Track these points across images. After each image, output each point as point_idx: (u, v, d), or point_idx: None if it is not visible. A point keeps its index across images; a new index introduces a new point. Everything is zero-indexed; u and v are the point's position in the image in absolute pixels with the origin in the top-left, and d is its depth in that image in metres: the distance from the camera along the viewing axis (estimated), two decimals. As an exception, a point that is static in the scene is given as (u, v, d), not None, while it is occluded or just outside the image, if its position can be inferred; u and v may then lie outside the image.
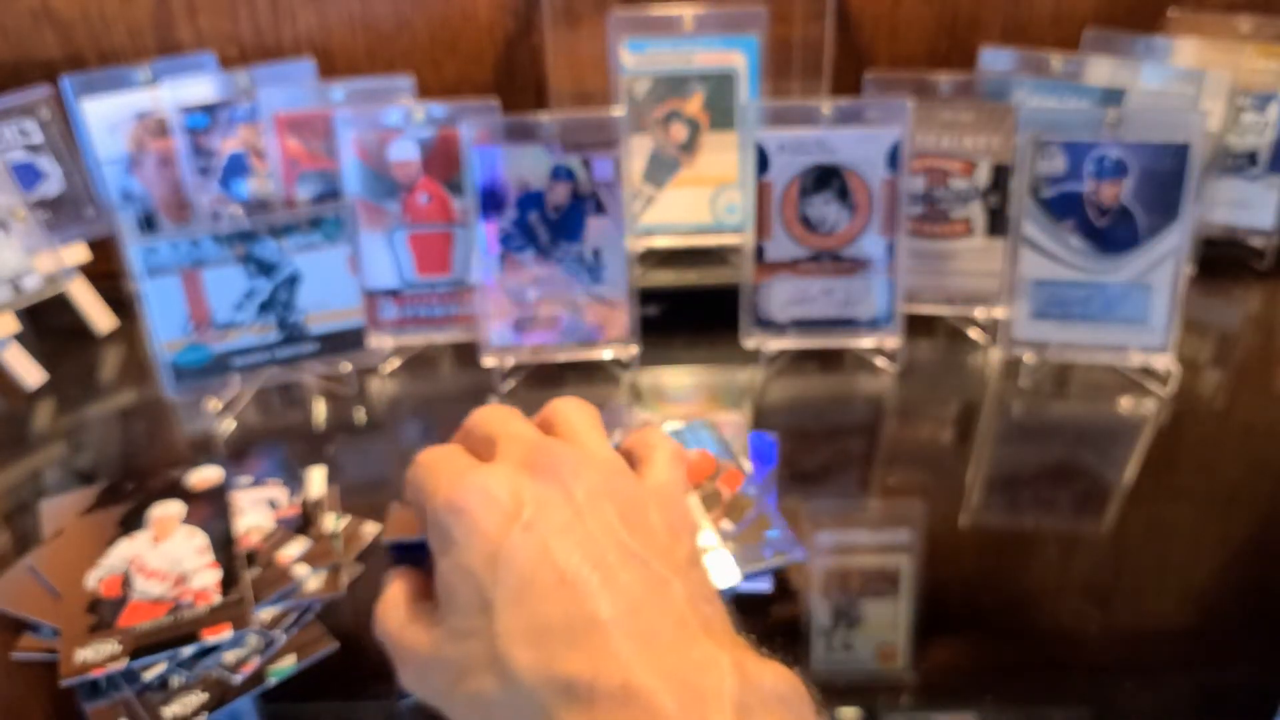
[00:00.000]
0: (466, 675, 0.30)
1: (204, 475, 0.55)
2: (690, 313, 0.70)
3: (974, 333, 0.66)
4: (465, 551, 0.30)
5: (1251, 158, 0.70)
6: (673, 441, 0.37)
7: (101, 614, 0.45)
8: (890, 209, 0.59)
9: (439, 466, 0.34)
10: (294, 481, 0.54)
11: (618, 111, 0.58)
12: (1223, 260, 0.73)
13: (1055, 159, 0.57)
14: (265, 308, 0.60)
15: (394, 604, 0.34)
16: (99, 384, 0.67)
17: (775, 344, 0.63)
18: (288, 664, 0.43)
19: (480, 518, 0.30)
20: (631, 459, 0.36)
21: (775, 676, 0.29)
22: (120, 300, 0.72)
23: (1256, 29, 0.68)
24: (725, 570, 0.44)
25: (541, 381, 0.63)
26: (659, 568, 0.30)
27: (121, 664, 0.42)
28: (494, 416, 0.36)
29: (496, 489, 0.31)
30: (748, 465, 0.52)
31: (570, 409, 0.36)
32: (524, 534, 0.30)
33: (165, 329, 0.59)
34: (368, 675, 0.44)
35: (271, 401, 0.63)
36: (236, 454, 0.57)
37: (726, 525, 0.47)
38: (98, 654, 0.43)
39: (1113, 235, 0.58)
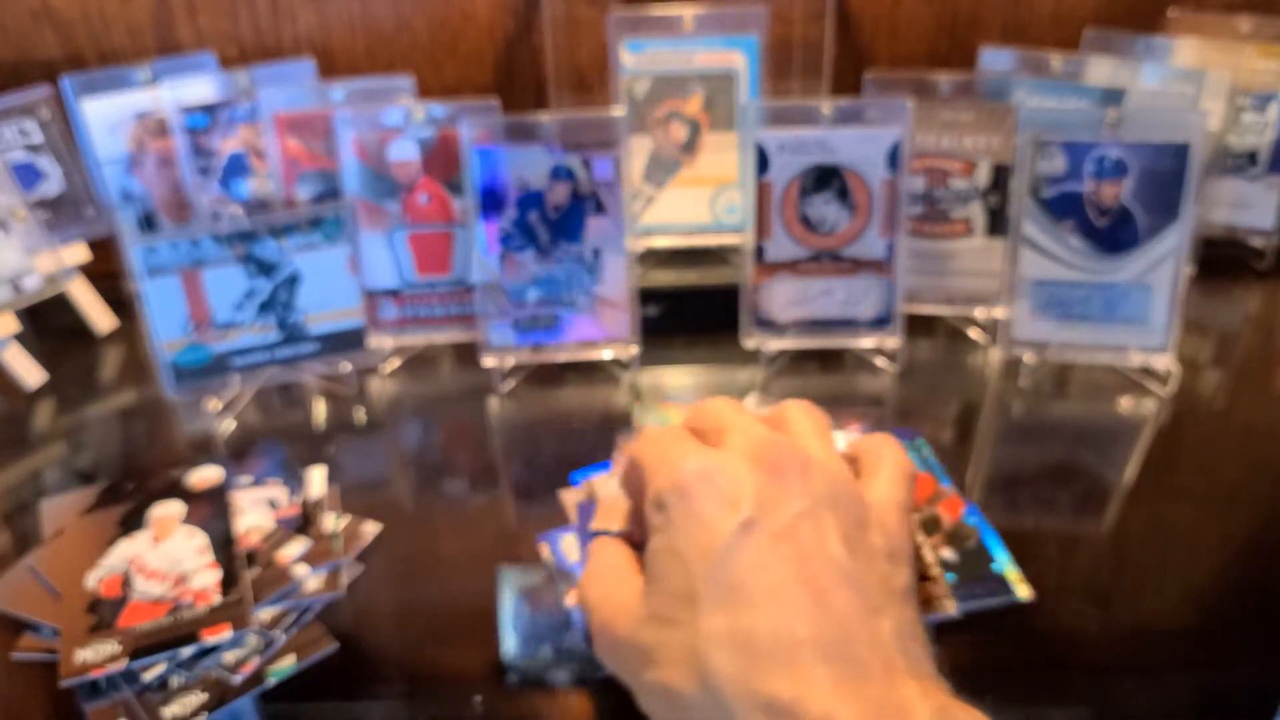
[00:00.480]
0: (662, 664, 0.30)
1: (204, 475, 0.55)
2: (690, 313, 0.70)
3: (974, 333, 0.66)
4: (681, 536, 0.30)
5: (1251, 158, 0.71)
6: (904, 455, 0.36)
7: (101, 614, 0.45)
8: (890, 209, 0.59)
9: (666, 444, 0.34)
10: (294, 481, 0.54)
11: (618, 112, 0.58)
12: (1223, 260, 0.73)
13: (1055, 159, 0.57)
14: (265, 308, 0.60)
15: (600, 574, 0.34)
16: (99, 384, 0.67)
17: (775, 344, 0.63)
18: (287, 664, 0.43)
19: (702, 504, 0.30)
20: (856, 466, 0.35)
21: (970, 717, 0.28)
22: (120, 300, 0.72)
23: (1256, 29, 0.68)
24: (942, 602, 0.43)
25: (541, 381, 0.63)
26: (873, 596, 0.30)
27: (121, 664, 0.42)
28: (724, 406, 0.35)
29: (722, 477, 0.31)
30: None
31: (801, 412, 0.35)
32: (742, 534, 0.29)
33: (165, 329, 0.59)
34: (367, 675, 0.44)
35: (271, 401, 0.63)
36: (236, 454, 0.57)
37: (947, 554, 0.46)
38: (97, 654, 0.43)
39: (1113, 235, 0.58)
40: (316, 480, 0.54)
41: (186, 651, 0.43)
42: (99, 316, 0.71)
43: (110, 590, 0.47)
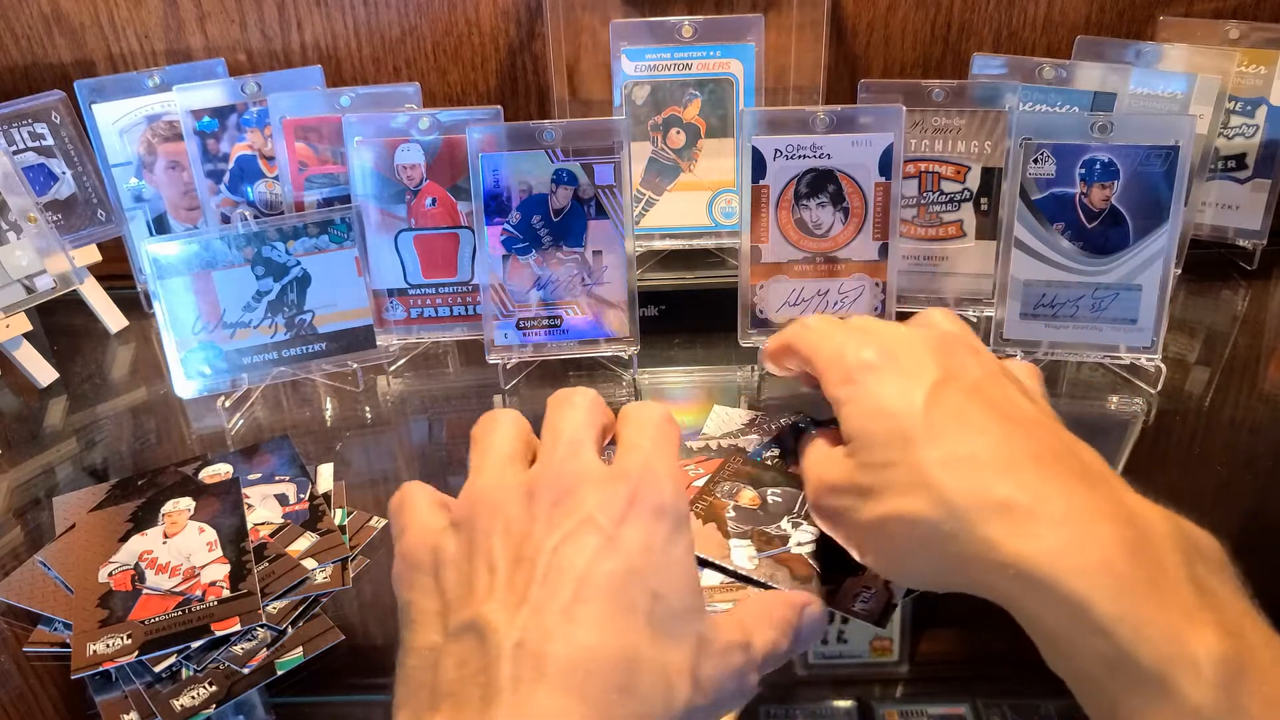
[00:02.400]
0: (885, 497, 0.32)
1: (214, 471, 0.56)
2: (688, 313, 0.71)
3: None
4: (879, 397, 0.34)
5: (1239, 161, 0.72)
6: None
7: (112, 608, 0.46)
8: (883, 212, 0.60)
9: (836, 332, 0.38)
10: (302, 478, 0.55)
11: (618, 118, 0.59)
12: (1211, 262, 0.74)
13: (1046, 163, 0.58)
14: (274, 308, 0.61)
15: (809, 449, 0.39)
16: (110, 382, 0.68)
17: (772, 344, 0.64)
18: (295, 656, 0.44)
19: (891, 373, 0.34)
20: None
21: (1204, 533, 0.31)
22: (131, 300, 0.74)
23: (1245, 34, 0.69)
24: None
25: (544, 380, 0.65)
26: (1066, 437, 0.33)
27: (132, 657, 0.43)
28: (867, 317, 0.40)
29: (905, 353, 0.34)
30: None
31: (944, 316, 0.39)
32: (939, 388, 0.33)
33: (176, 328, 0.60)
34: (374, 668, 0.45)
35: (280, 399, 0.64)
36: (246, 451, 0.58)
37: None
38: (109, 647, 0.44)
39: (1102, 237, 0.59)
40: (325, 476, 0.56)
41: (196, 644, 0.44)
42: (110, 316, 0.73)
43: (121, 584, 0.47)
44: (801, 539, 0.48)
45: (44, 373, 0.66)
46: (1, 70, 0.74)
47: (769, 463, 0.52)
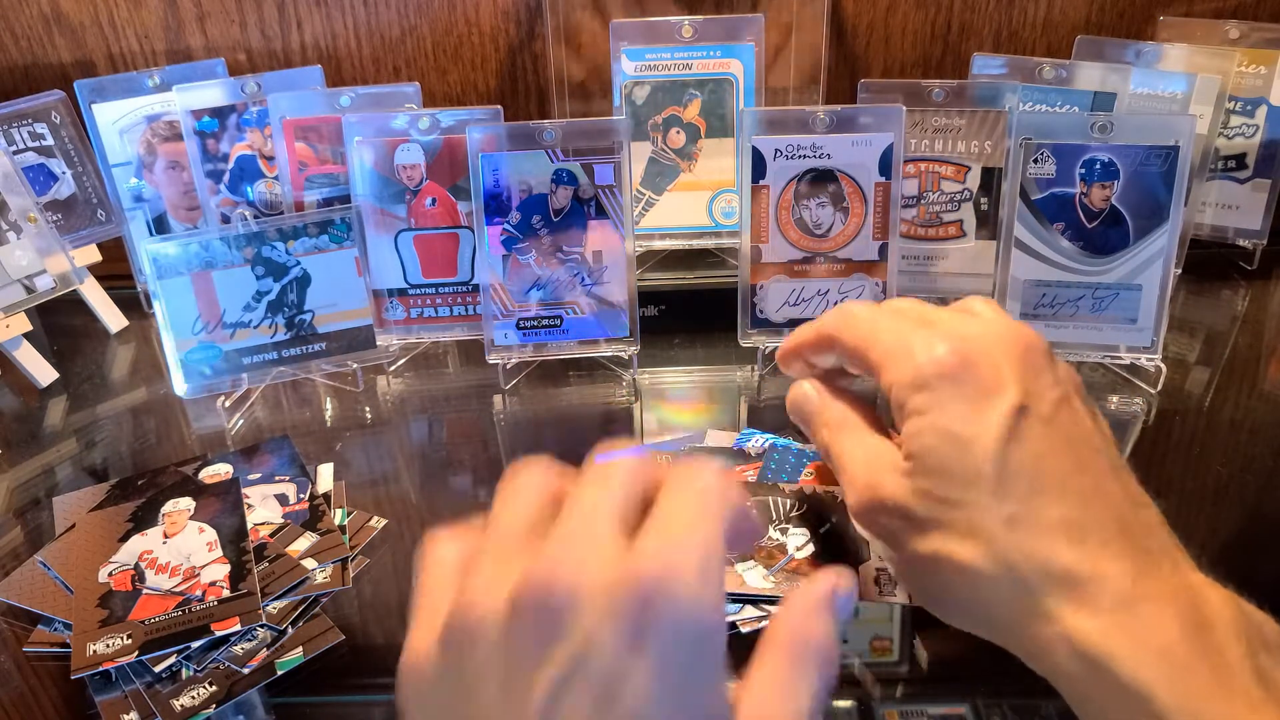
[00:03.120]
0: (941, 537, 0.30)
1: (214, 471, 0.56)
2: (689, 313, 0.71)
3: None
4: (955, 419, 0.30)
5: (1240, 160, 0.72)
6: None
7: (112, 608, 0.46)
8: (884, 212, 0.60)
9: (898, 324, 0.34)
10: (302, 478, 0.55)
11: (618, 118, 0.59)
12: (1211, 261, 0.74)
13: (1046, 162, 0.59)
14: (274, 308, 0.61)
15: (849, 428, 0.35)
16: (110, 382, 0.68)
17: (772, 343, 0.64)
18: (295, 656, 0.44)
19: (969, 387, 0.30)
20: None
21: (1268, 618, 0.29)
22: (131, 300, 0.74)
23: (1245, 34, 0.69)
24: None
25: (544, 380, 0.65)
26: (1128, 478, 0.31)
27: (132, 657, 0.43)
28: (910, 302, 0.37)
29: (982, 361, 0.31)
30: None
31: (985, 304, 0.36)
32: (1018, 421, 0.30)
33: (176, 328, 0.60)
34: (373, 668, 0.45)
35: (280, 399, 0.64)
36: (246, 451, 0.58)
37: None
38: (109, 647, 0.44)
39: (1102, 237, 0.59)
40: (324, 476, 0.56)
41: (196, 644, 0.44)
42: (110, 316, 0.73)
43: (121, 584, 0.47)
44: (798, 543, 0.48)
45: (44, 373, 0.66)
46: (1, 70, 0.74)
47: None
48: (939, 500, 0.30)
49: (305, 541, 0.50)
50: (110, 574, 0.48)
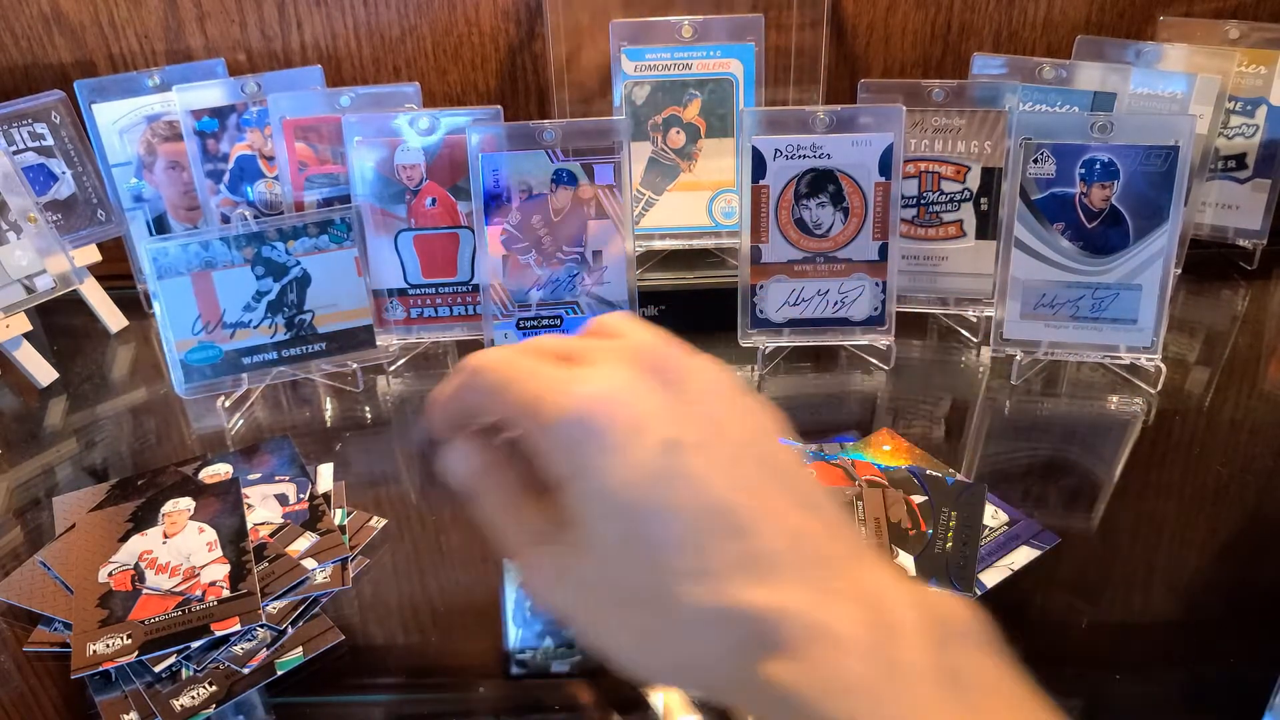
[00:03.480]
0: (623, 605, 0.28)
1: (214, 471, 0.56)
2: (688, 313, 0.71)
3: (965, 332, 0.68)
4: (608, 476, 0.27)
5: (1240, 160, 0.72)
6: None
7: (113, 608, 0.46)
8: (883, 212, 0.60)
9: (531, 368, 0.29)
10: (302, 478, 0.55)
11: (618, 118, 0.59)
12: (1211, 261, 0.74)
13: (1046, 162, 0.59)
14: (274, 308, 0.61)
15: (506, 508, 0.31)
16: (110, 382, 0.68)
17: (771, 343, 0.64)
18: (295, 656, 0.44)
19: (612, 434, 0.27)
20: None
21: (957, 606, 0.27)
22: (131, 300, 0.74)
23: (1245, 34, 0.69)
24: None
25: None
26: (804, 486, 0.28)
27: (132, 657, 0.43)
28: (555, 336, 0.32)
29: (622, 396, 0.27)
30: None
31: (625, 319, 0.32)
32: (669, 457, 0.27)
33: (176, 329, 0.60)
34: (373, 667, 0.45)
35: (280, 399, 0.64)
36: (246, 451, 0.58)
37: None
38: (109, 647, 0.44)
39: (1102, 237, 0.59)
40: (324, 476, 0.56)
41: (196, 644, 0.44)
42: (110, 316, 0.73)
43: (121, 584, 0.47)
44: None
45: (44, 373, 0.66)
46: (1, 70, 0.74)
47: None
48: (613, 565, 0.28)
49: (305, 541, 0.50)
50: (110, 574, 0.48)
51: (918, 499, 0.51)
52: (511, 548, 0.31)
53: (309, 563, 0.49)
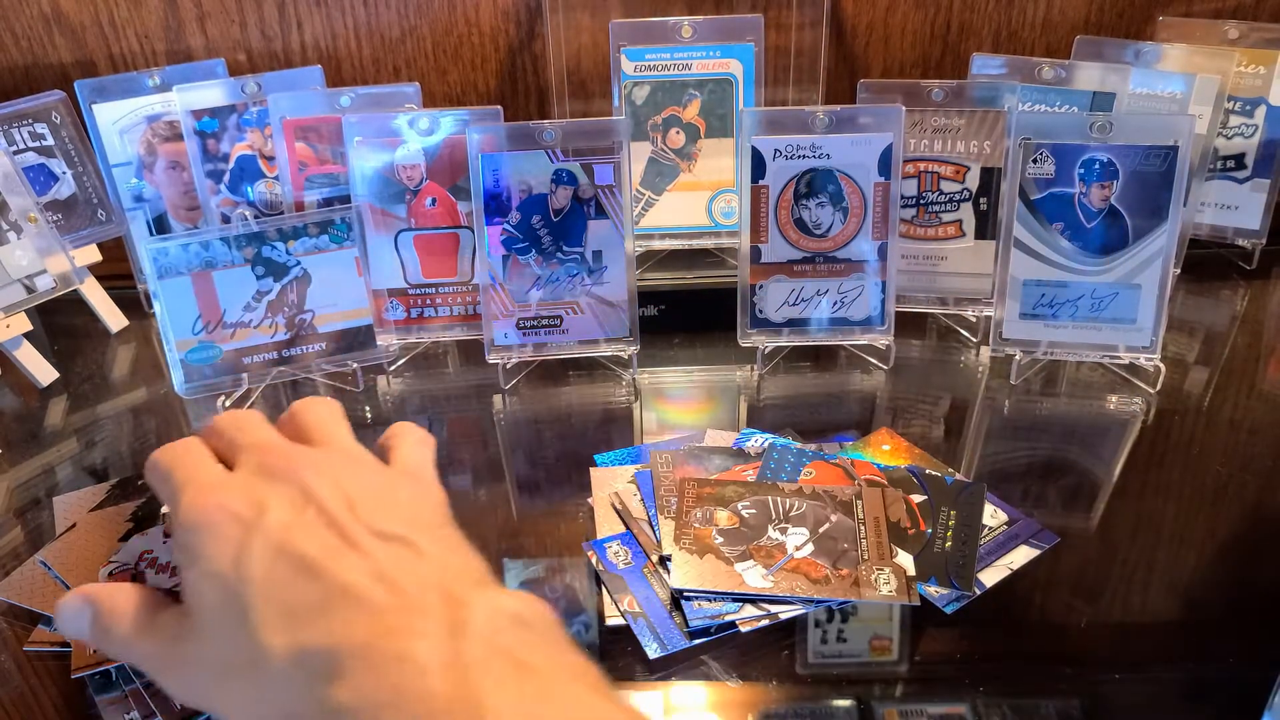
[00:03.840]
0: (229, 673, 0.31)
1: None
2: (688, 313, 0.71)
3: (965, 332, 0.68)
4: (210, 560, 0.31)
5: (1239, 160, 0.72)
6: (420, 430, 0.39)
7: (114, 607, 0.46)
8: (883, 212, 0.60)
9: (179, 470, 0.34)
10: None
11: (618, 118, 0.59)
12: (1210, 261, 0.74)
13: (1045, 162, 0.59)
14: (274, 308, 0.61)
15: (123, 615, 0.34)
16: (110, 382, 0.68)
17: (771, 343, 0.64)
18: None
19: (221, 531, 0.31)
20: (384, 453, 0.38)
21: (515, 599, 0.30)
22: (131, 300, 0.74)
23: (1244, 34, 0.69)
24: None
25: (544, 379, 0.65)
26: (405, 532, 0.32)
27: None
28: (234, 423, 0.37)
29: (234, 502, 0.32)
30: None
31: (311, 407, 0.38)
32: (261, 533, 0.31)
33: (176, 328, 0.60)
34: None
35: (280, 399, 0.64)
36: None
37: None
38: None
39: (1102, 237, 0.59)
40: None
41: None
42: (110, 316, 0.73)
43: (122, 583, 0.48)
44: (797, 542, 0.48)
45: (44, 373, 0.67)
46: (1, 70, 0.74)
47: (721, 479, 0.52)
48: (219, 637, 0.31)
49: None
50: (110, 574, 0.48)
51: (917, 498, 0.51)
52: (149, 660, 0.34)
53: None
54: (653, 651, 0.43)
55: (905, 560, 0.47)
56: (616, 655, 0.44)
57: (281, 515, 0.31)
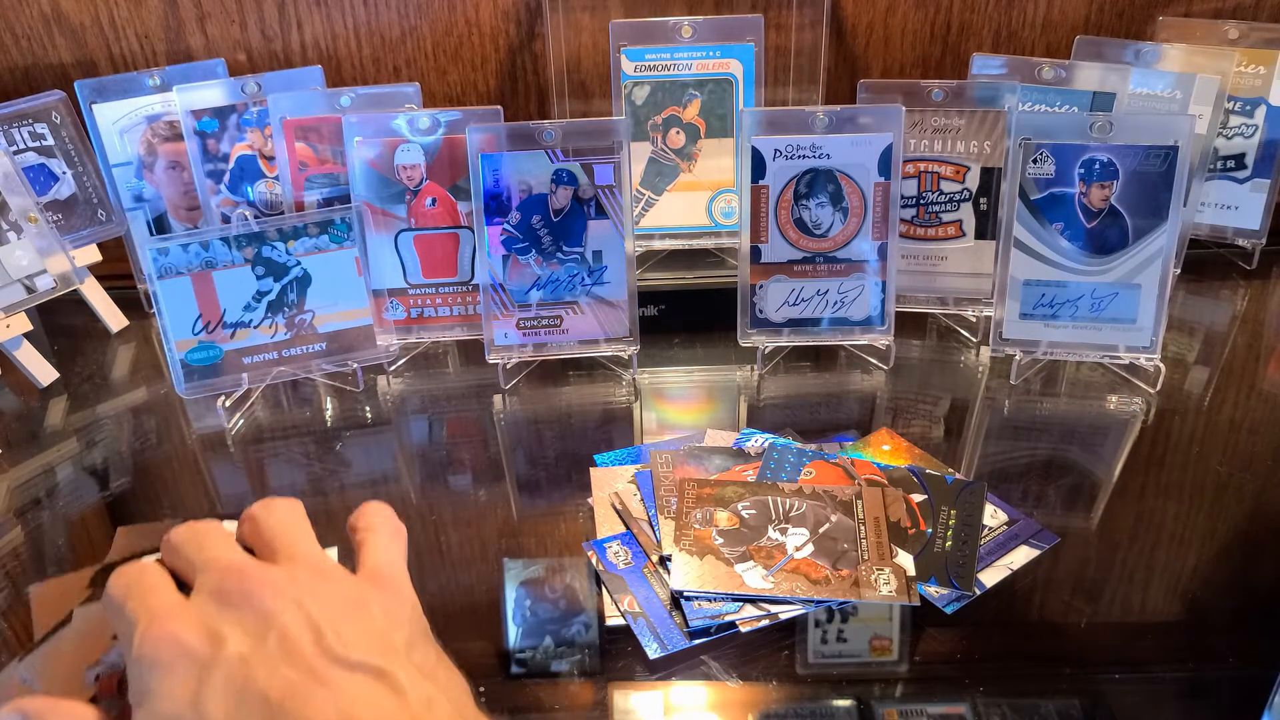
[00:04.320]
0: None
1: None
2: (688, 313, 0.71)
3: (965, 332, 0.68)
4: (165, 700, 0.29)
5: (1239, 160, 0.72)
6: (393, 519, 0.36)
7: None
8: (883, 212, 0.60)
9: (132, 599, 0.32)
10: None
11: (618, 118, 0.59)
12: (1210, 262, 0.74)
13: (1045, 162, 0.59)
14: (274, 308, 0.61)
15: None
16: (110, 382, 0.68)
17: (771, 343, 0.64)
18: None
19: (176, 668, 0.29)
20: (353, 543, 0.36)
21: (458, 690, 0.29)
22: (131, 300, 0.74)
23: (1244, 34, 0.69)
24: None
25: (544, 379, 0.65)
26: (376, 661, 0.30)
27: None
28: (191, 539, 0.34)
29: (189, 634, 0.30)
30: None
31: (272, 511, 0.35)
32: (223, 672, 0.29)
33: (176, 328, 0.60)
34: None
35: (280, 399, 0.64)
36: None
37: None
38: None
39: (1102, 236, 0.59)
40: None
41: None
42: (110, 316, 0.73)
43: (107, 689, 0.44)
44: (797, 542, 0.48)
45: (44, 373, 0.67)
46: (1, 70, 0.74)
47: (720, 479, 0.52)
48: None
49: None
50: (97, 676, 0.42)
51: (917, 498, 0.51)
52: None
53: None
54: (653, 651, 0.43)
55: (905, 560, 0.47)
56: (616, 655, 0.44)
57: (240, 647, 0.30)
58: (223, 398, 0.62)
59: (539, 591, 0.48)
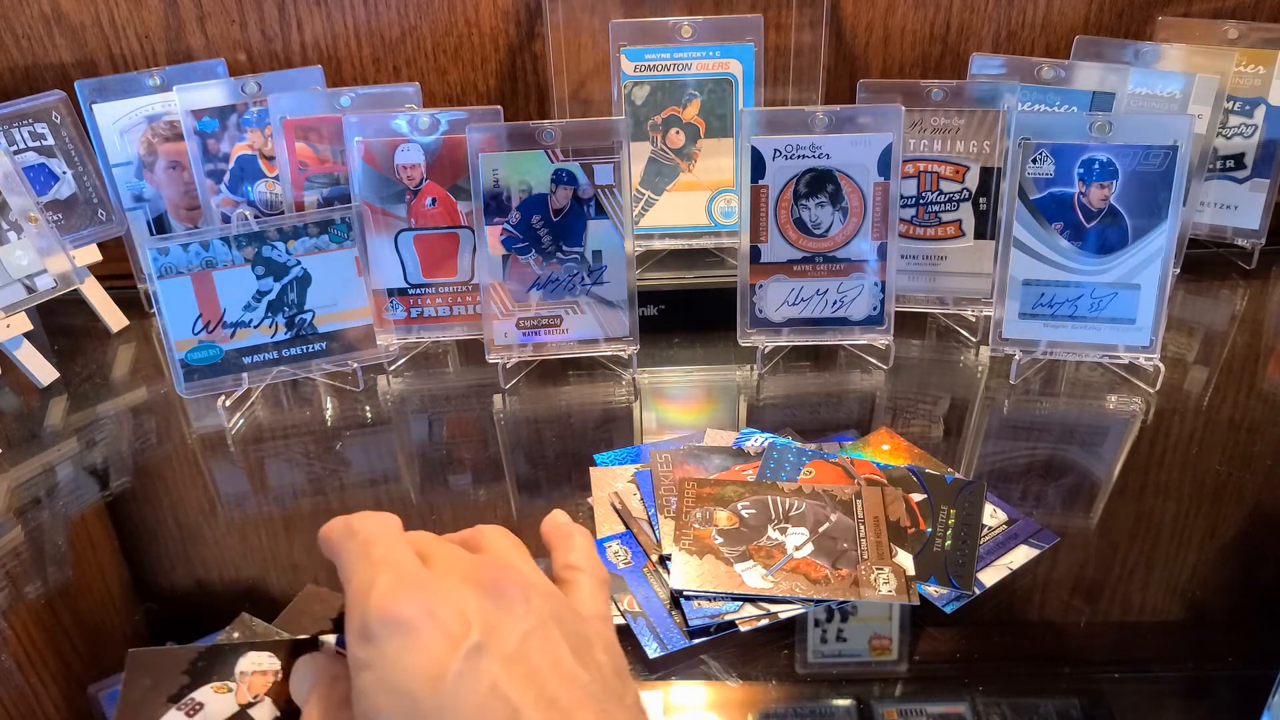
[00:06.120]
0: None
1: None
2: (688, 313, 0.71)
3: (964, 332, 0.68)
4: (400, 673, 0.27)
5: (1238, 160, 0.72)
6: (600, 566, 0.35)
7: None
8: (882, 212, 0.61)
9: (379, 545, 0.31)
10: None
11: (618, 118, 0.59)
12: (1209, 261, 0.74)
13: (1044, 162, 0.59)
14: (274, 307, 0.61)
15: (324, 700, 0.31)
16: (110, 382, 0.68)
17: (771, 343, 0.64)
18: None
19: (424, 637, 0.28)
20: (554, 561, 0.35)
21: None
22: (131, 300, 0.74)
23: (1244, 34, 0.70)
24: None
25: (544, 379, 0.65)
26: (612, 708, 0.29)
27: None
28: (423, 535, 0.33)
29: (443, 608, 0.28)
30: None
31: (497, 534, 0.34)
32: (471, 661, 0.27)
33: (176, 328, 0.60)
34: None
35: (280, 399, 0.64)
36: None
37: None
38: None
39: (1101, 236, 0.59)
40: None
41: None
42: (110, 316, 0.73)
43: None
44: (797, 542, 0.48)
45: (44, 372, 0.67)
46: (1, 70, 0.74)
47: (720, 479, 0.52)
48: None
49: (306, 541, 0.50)
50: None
51: (917, 497, 0.51)
52: None
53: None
54: (652, 651, 0.43)
55: (905, 560, 0.47)
56: (616, 655, 0.44)
57: (494, 644, 0.28)
58: (223, 397, 0.62)
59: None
